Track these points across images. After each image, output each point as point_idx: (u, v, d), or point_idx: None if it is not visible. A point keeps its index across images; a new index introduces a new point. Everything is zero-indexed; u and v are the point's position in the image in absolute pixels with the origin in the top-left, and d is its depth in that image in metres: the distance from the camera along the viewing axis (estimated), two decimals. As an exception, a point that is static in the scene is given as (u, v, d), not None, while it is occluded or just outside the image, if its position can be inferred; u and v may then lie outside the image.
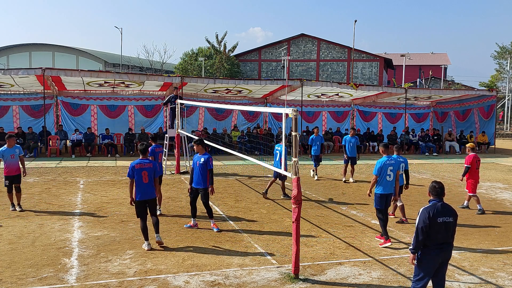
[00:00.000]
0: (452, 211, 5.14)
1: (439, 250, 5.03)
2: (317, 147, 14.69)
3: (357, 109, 26.35)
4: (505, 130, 43.87)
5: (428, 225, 4.98)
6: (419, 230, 5.02)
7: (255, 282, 6.16)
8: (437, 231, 5.00)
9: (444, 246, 5.07)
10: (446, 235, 5.07)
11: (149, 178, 7.44)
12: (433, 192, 5.18)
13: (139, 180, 7.39)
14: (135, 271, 6.44)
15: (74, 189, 12.22)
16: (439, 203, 5.12)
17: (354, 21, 44.51)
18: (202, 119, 23.45)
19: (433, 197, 5.18)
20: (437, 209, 5.04)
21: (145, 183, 7.40)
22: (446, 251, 5.09)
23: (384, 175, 8.04)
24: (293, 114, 6.20)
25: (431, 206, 5.10)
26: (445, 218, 5.03)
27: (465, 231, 8.82)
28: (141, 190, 7.41)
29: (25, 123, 20.27)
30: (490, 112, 25.11)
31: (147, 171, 7.42)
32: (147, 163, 7.52)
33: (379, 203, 8.12)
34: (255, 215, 9.86)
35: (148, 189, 7.45)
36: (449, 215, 5.08)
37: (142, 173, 7.40)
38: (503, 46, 58.38)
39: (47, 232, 8.25)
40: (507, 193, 13.11)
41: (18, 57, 57.07)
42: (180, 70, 49.14)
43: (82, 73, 18.14)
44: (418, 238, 5.02)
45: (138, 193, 7.42)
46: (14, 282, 5.99)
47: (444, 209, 5.08)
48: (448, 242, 5.11)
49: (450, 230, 5.10)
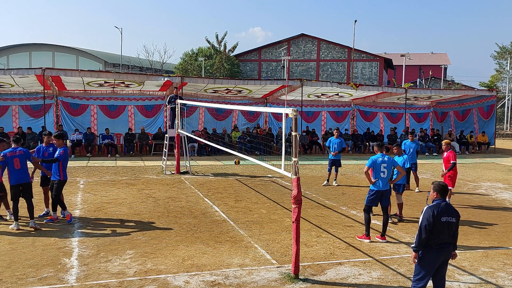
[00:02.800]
0: (455, 211, 5.19)
1: (441, 250, 5.06)
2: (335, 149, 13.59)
3: (357, 109, 26.36)
4: (505, 130, 43.88)
5: (432, 223, 5.01)
6: (422, 228, 5.04)
7: (255, 282, 6.16)
8: (441, 230, 5.04)
9: (445, 246, 5.10)
10: (448, 235, 5.11)
11: (21, 164, 8.35)
12: (439, 191, 5.22)
13: (12, 166, 8.31)
14: (135, 271, 6.44)
15: (74, 189, 12.22)
16: (443, 202, 5.16)
17: (354, 21, 44.54)
18: (202, 119, 23.44)
19: (439, 197, 5.22)
20: (441, 208, 5.09)
21: (17, 169, 8.31)
22: (447, 251, 5.12)
23: (378, 172, 8.15)
24: (293, 114, 6.20)
25: (435, 205, 5.14)
26: (448, 218, 5.08)
27: (465, 231, 8.82)
28: (15, 176, 8.32)
29: (25, 123, 20.25)
30: (490, 112, 25.11)
31: (18, 158, 8.34)
32: (19, 150, 8.43)
33: (370, 200, 8.23)
34: (255, 215, 9.85)
35: (21, 174, 8.38)
36: (452, 215, 5.13)
37: (14, 160, 8.30)
38: (503, 46, 58.37)
39: (47, 232, 8.25)
40: (507, 193, 13.11)
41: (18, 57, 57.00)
42: (180, 70, 49.10)
43: (82, 73, 18.13)
44: (421, 236, 5.05)
45: (13, 178, 8.33)
46: (14, 282, 5.99)
47: (448, 209, 5.13)
48: (449, 242, 5.14)
49: (451, 231, 5.13)
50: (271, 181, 14.24)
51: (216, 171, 16.10)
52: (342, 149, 13.97)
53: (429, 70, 60.61)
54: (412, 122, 26.92)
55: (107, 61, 56.94)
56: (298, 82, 21.11)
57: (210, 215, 9.71)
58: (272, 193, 12.24)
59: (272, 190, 12.71)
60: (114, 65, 56.30)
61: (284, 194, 12.18)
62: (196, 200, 11.22)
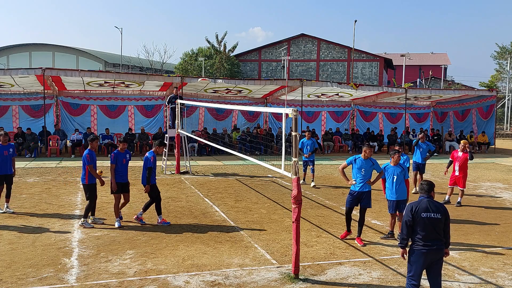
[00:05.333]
0: (440, 208, 5.19)
1: (428, 247, 5.07)
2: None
3: (357, 109, 26.37)
4: (505, 130, 43.88)
5: (412, 219, 5.14)
6: (403, 224, 5.26)
7: (255, 282, 6.16)
8: (423, 227, 5.09)
9: (434, 243, 5.09)
10: (435, 232, 5.10)
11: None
12: (421, 190, 5.41)
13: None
14: (135, 271, 6.44)
15: (74, 189, 12.22)
16: (425, 199, 5.27)
17: (354, 21, 44.54)
18: (202, 119, 23.45)
19: (421, 194, 5.37)
20: (421, 204, 5.19)
21: None
22: (436, 249, 5.10)
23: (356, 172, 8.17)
24: (293, 114, 6.20)
25: (416, 201, 5.31)
26: (430, 214, 5.10)
27: (465, 231, 8.82)
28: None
29: (25, 123, 20.26)
30: (489, 112, 25.11)
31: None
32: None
33: (348, 200, 8.15)
34: (255, 215, 9.86)
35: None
36: (436, 211, 5.14)
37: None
38: (503, 46, 58.37)
39: (47, 232, 8.25)
40: (507, 193, 13.12)
41: (18, 57, 57.02)
42: (180, 70, 49.10)
43: (82, 73, 18.14)
44: (403, 232, 5.27)
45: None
46: (14, 282, 5.99)
47: (431, 205, 5.16)
48: (438, 239, 5.12)
49: (438, 227, 5.12)
50: (271, 181, 14.24)
51: (216, 171, 16.10)
52: (315, 150, 14.03)
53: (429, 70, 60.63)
54: (412, 122, 26.91)
55: (107, 61, 56.96)
56: (298, 82, 21.10)
57: (210, 215, 9.72)
58: (272, 193, 12.25)
59: (272, 190, 12.71)
60: (114, 65, 56.31)
61: (284, 194, 12.19)
62: (196, 200, 11.22)
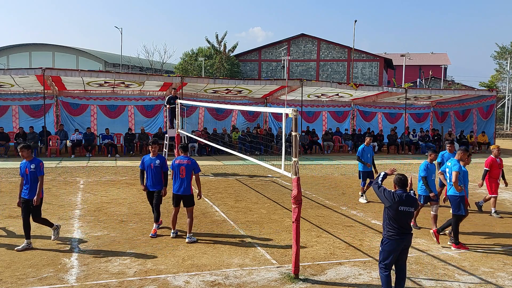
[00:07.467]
0: (413, 201, 5.59)
1: (402, 237, 5.51)
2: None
3: (357, 109, 26.37)
4: (505, 130, 43.88)
5: (389, 203, 5.49)
6: (381, 188, 5.63)
7: (255, 282, 6.16)
8: (399, 219, 5.50)
9: (406, 233, 5.55)
10: (407, 223, 5.59)
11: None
12: (399, 184, 5.66)
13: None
14: (135, 271, 6.44)
15: (74, 189, 12.22)
16: (404, 193, 5.59)
17: (354, 21, 44.56)
18: (202, 119, 23.45)
19: (399, 188, 5.66)
20: (401, 198, 5.50)
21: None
22: (407, 239, 5.57)
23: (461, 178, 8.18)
24: (293, 114, 6.20)
25: (398, 193, 5.56)
26: (407, 208, 5.52)
27: (465, 231, 8.81)
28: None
29: (25, 123, 20.26)
30: (489, 112, 25.11)
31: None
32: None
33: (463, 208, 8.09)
34: (255, 215, 9.86)
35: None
36: (411, 205, 5.55)
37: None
38: (503, 46, 58.41)
39: (47, 232, 8.25)
40: (507, 193, 13.11)
41: (18, 57, 57.04)
42: (180, 70, 49.11)
43: (82, 73, 18.14)
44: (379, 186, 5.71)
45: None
46: (14, 282, 5.99)
47: (408, 200, 5.53)
48: (410, 228, 5.64)
49: (410, 219, 5.66)
50: (271, 181, 14.24)
51: (216, 171, 16.10)
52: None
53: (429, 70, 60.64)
54: (412, 122, 26.89)
55: (107, 61, 56.97)
56: (298, 82, 21.11)
57: (210, 215, 9.72)
58: (272, 193, 12.24)
59: (272, 190, 12.71)
60: (114, 65, 56.33)
61: (284, 194, 12.19)
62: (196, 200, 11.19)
